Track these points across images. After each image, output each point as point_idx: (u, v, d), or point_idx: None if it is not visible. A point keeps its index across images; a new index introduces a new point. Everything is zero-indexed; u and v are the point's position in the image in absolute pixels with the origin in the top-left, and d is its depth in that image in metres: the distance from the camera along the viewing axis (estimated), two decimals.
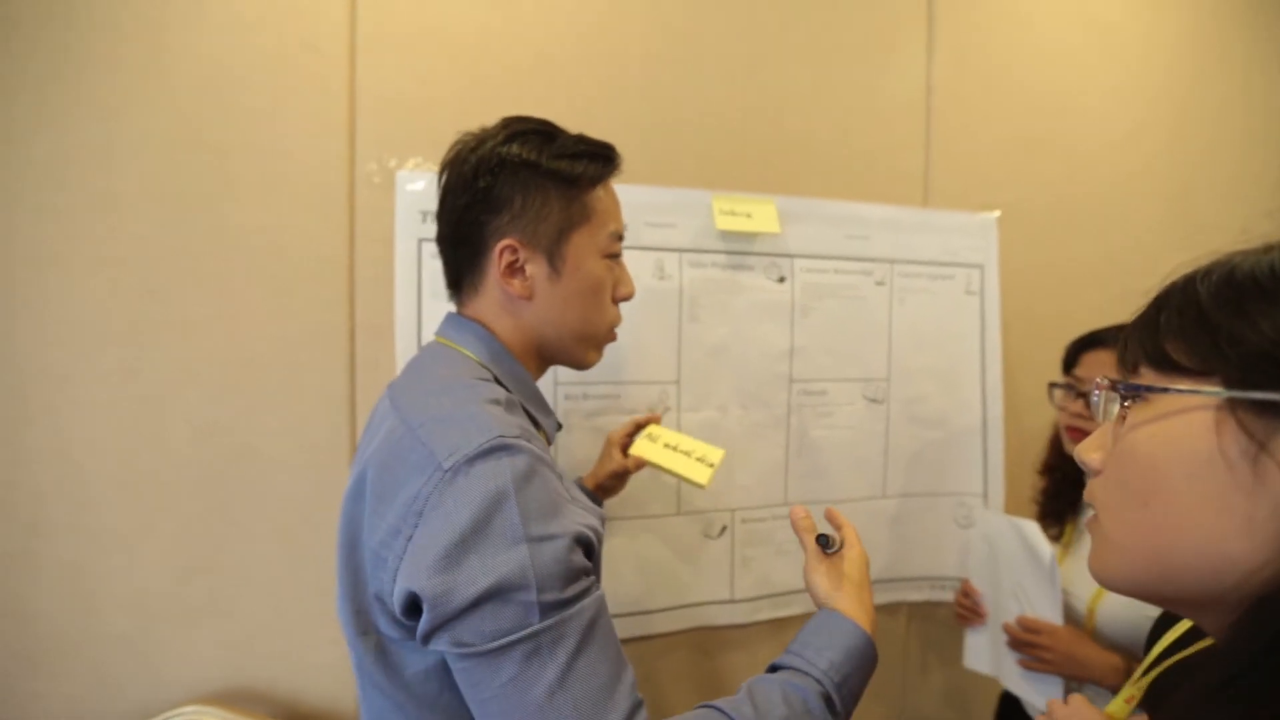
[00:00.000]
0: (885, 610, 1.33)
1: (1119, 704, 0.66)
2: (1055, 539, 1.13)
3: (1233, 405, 0.31)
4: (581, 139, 0.69)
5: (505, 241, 0.65)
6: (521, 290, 0.66)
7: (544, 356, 0.72)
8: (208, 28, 0.97)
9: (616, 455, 0.95)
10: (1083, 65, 1.47)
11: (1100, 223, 1.51)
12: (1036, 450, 1.22)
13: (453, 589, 0.50)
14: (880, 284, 1.27)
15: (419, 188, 1.01)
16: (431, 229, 0.73)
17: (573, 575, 0.53)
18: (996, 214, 1.34)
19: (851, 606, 0.63)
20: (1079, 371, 1.06)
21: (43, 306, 0.94)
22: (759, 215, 1.16)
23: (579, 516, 0.56)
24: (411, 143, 1.04)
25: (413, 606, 0.53)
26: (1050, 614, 1.00)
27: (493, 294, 0.67)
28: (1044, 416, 1.20)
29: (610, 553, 0.99)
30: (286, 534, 1.01)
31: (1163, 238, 1.57)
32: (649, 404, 1.14)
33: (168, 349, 0.97)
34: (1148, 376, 0.36)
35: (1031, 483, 1.21)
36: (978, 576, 1.17)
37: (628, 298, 0.75)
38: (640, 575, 1.15)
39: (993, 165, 1.39)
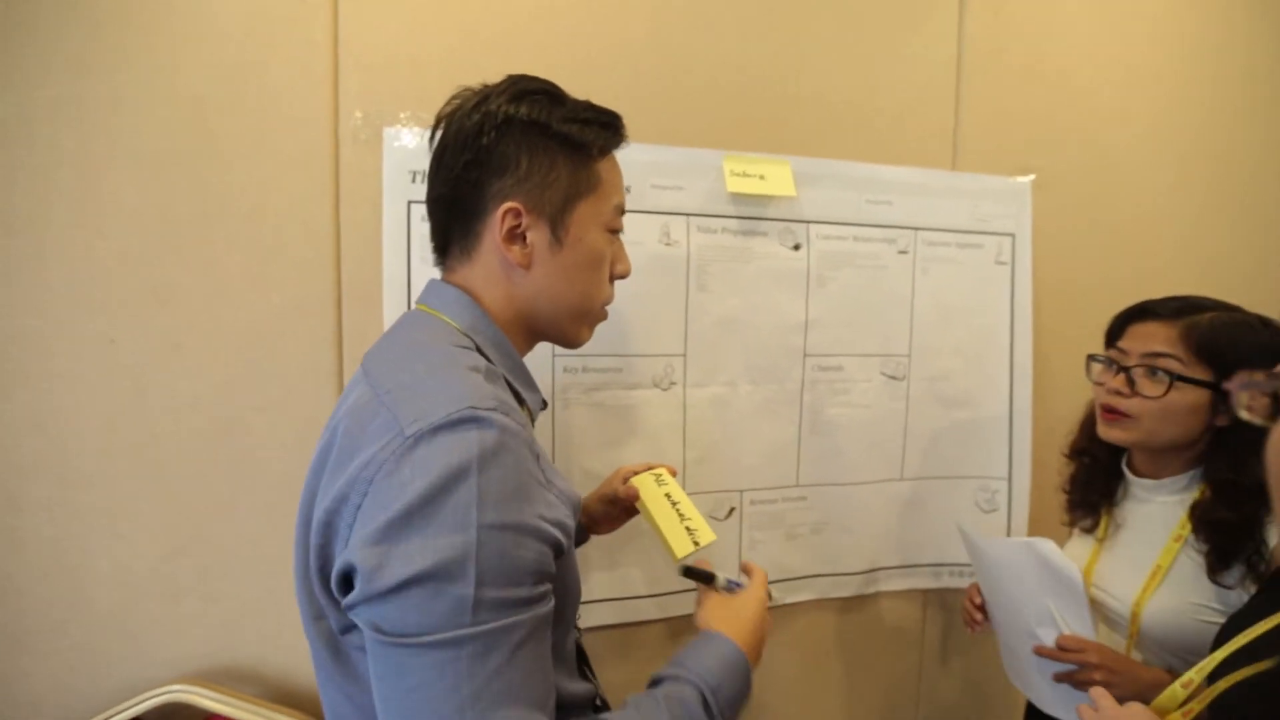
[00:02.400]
0: (902, 597, 1.27)
1: (1175, 715, 0.60)
2: (1089, 531, 1.04)
3: None
4: (590, 105, 0.65)
5: (508, 205, 0.59)
6: (520, 258, 0.61)
7: (534, 331, 0.66)
8: None
9: (617, 482, 0.87)
10: (1124, 23, 1.35)
11: (1142, 191, 1.40)
12: (1064, 436, 1.13)
13: (385, 564, 0.46)
14: (903, 253, 1.19)
15: (408, 145, 0.95)
16: (422, 190, 0.68)
17: (523, 575, 0.48)
18: (1031, 178, 1.25)
19: (730, 629, 0.66)
20: (1124, 344, 0.94)
21: (15, 273, 0.89)
22: (773, 177, 1.08)
23: (549, 508, 0.51)
24: (399, 97, 0.97)
25: (347, 580, 0.49)
26: (1084, 630, 0.91)
27: (487, 260, 0.62)
28: (1075, 398, 1.11)
29: (614, 536, 0.94)
30: (274, 510, 0.97)
31: (1205, 207, 1.46)
32: (654, 377, 1.08)
33: (147, 318, 0.93)
34: None
35: (1059, 468, 1.13)
36: (984, 587, 1.06)
37: (624, 275, 0.70)
38: (645, 558, 1.10)
39: (1028, 127, 1.29)
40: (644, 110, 0.69)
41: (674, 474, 0.90)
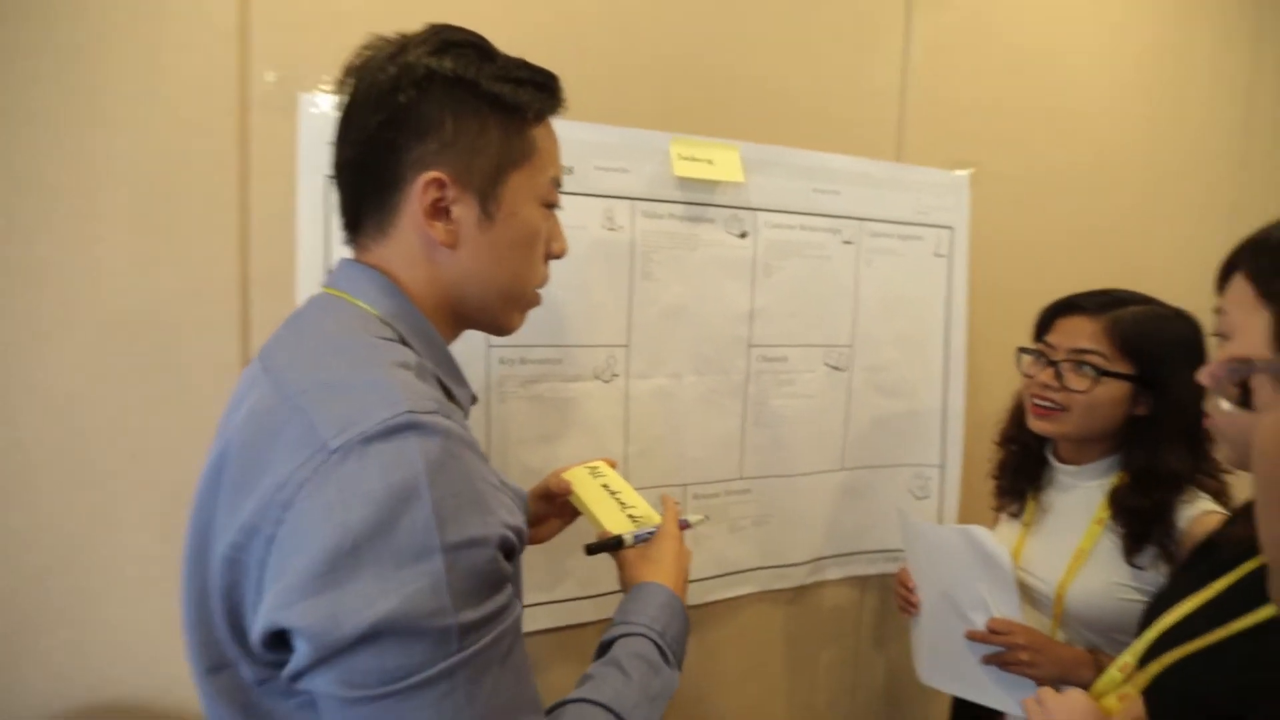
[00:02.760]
0: (841, 585, 1.29)
1: (1112, 700, 0.62)
2: (1015, 516, 1.08)
3: None
4: (523, 63, 0.58)
5: (431, 174, 0.52)
6: (445, 236, 0.54)
7: (460, 317, 0.60)
8: None
9: (552, 478, 0.83)
10: (1068, 26, 1.39)
11: (1078, 192, 1.45)
12: (994, 426, 1.17)
13: (339, 614, 0.39)
14: (848, 243, 1.18)
15: (328, 112, 0.86)
16: None
17: (496, 584, 0.44)
18: (969, 172, 1.27)
19: (656, 575, 0.67)
20: (1052, 338, 0.98)
21: None
22: (721, 162, 1.05)
23: (506, 514, 0.46)
24: (318, 58, 0.87)
25: (279, 636, 0.41)
26: (1013, 614, 0.94)
27: (406, 238, 0.55)
28: (1005, 389, 1.15)
29: (557, 536, 0.89)
30: (164, 526, 0.86)
31: (1134, 209, 1.53)
32: (595, 369, 1.03)
33: (16, 300, 0.80)
34: None
35: (989, 456, 1.16)
36: (916, 574, 1.09)
37: (560, 255, 0.64)
38: (581, 560, 1.06)
39: (969, 121, 1.31)
40: (589, 86, 0.63)
41: (614, 466, 0.87)
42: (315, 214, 0.87)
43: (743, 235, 1.10)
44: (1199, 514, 0.88)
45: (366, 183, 0.55)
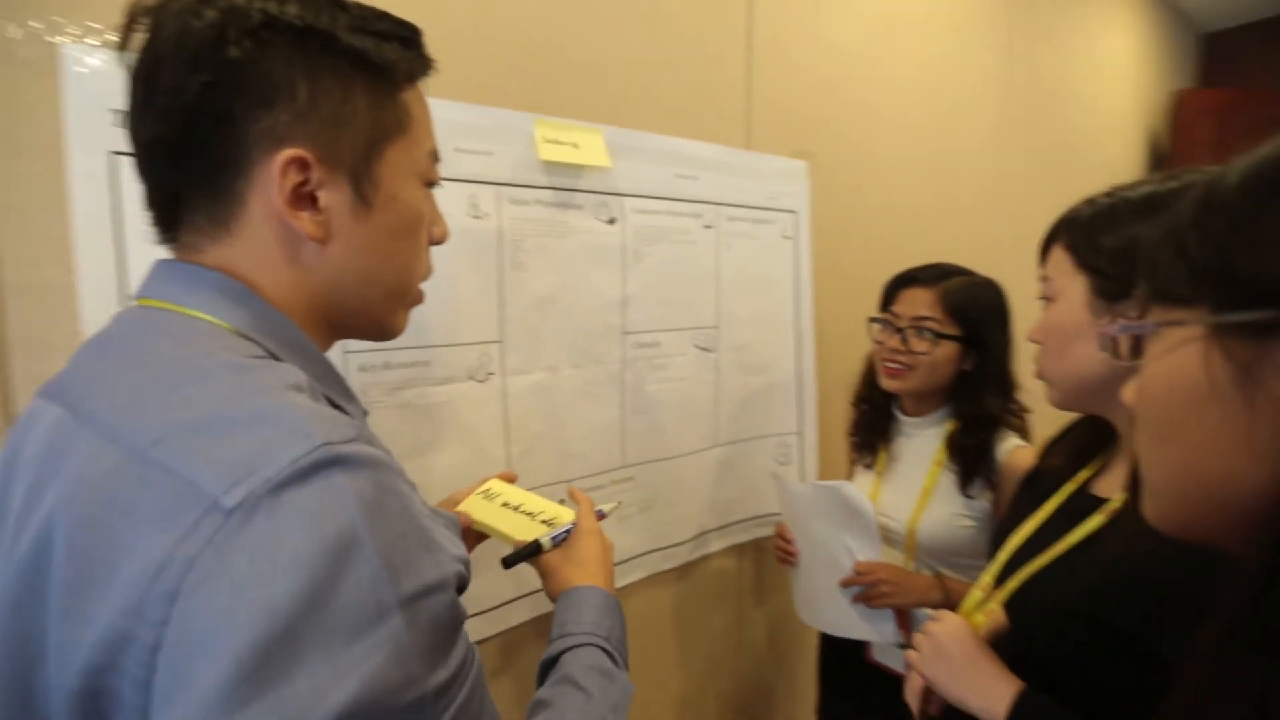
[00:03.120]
0: (722, 555, 1.34)
1: (980, 616, 0.70)
2: (869, 467, 1.21)
3: (1216, 332, 0.30)
4: (383, 14, 0.47)
5: (290, 152, 0.42)
6: (314, 228, 0.44)
7: (334, 325, 0.50)
8: None
9: (449, 508, 0.76)
10: (881, 33, 1.55)
11: (897, 179, 1.63)
12: (841, 395, 1.29)
13: (287, 716, 0.30)
14: (709, 227, 1.22)
15: (104, 69, 0.68)
16: None
17: (456, 631, 0.38)
18: (806, 162, 1.36)
19: (584, 577, 0.65)
20: (896, 308, 1.11)
21: None
22: (586, 146, 1.02)
23: (451, 546, 0.40)
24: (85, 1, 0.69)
25: None
26: (875, 556, 1.07)
27: (257, 234, 0.44)
28: (848, 359, 1.27)
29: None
30: None
31: (946, 196, 1.76)
32: (469, 369, 0.95)
33: None
34: (1155, 313, 0.34)
35: (843, 416, 1.28)
36: (792, 527, 1.20)
37: (442, 240, 0.56)
38: (484, 567, 0.99)
39: (807, 113, 1.40)
40: (447, 61, 0.56)
41: (512, 479, 0.82)
42: (98, 203, 0.69)
43: (611, 221, 1.08)
44: (1011, 448, 1.05)
45: (189, 165, 0.43)
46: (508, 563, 0.68)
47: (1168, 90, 2.79)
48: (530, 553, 0.67)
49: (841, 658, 1.19)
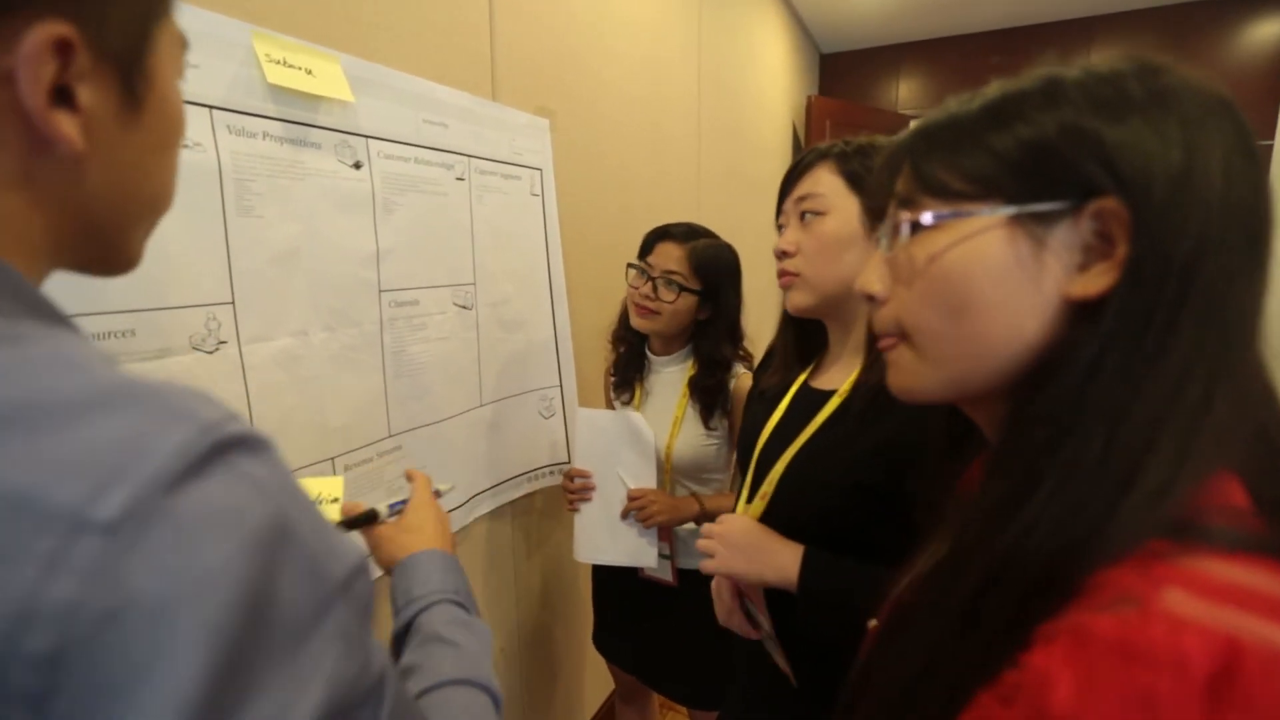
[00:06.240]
0: (494, 515, 1.34)
1: (756, 505, 0.82)
2: (627, 404, 1.33)
3: (1018, 217, 0.37)
4: None
5: (54, 28, 0.29)
6: (76, 135, 0.32)
7: (58, 257, 0.37)
8: None
9: None
10: (617, 5, 1.63)
11: (630, 141, 1.75)
12: (590, 348, 1.38)
13: None
14: (460, 180, 1.17)
15: None
16: None
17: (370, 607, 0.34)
18: (548, 120, 1.39)
19: (419, 543, 0.64)
20: (651, 259, 1.24)
21: None
22: (322, 74, 0.88)
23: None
24: None
25: None
26: (650, 483, 1.22)
27: None
28: (597, 311, 1.37)
29: None
30: None
31: (676, 158, 1.94)
32: (192, 337, 0.77)
33: None
34: (932, 205, 0.40)
35: (596, 367, 1.38)
36: (584, 463, 1.29)
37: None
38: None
39: (549, 70, 1.42)
40: None
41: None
42: None
43: (357, 165, 0.96)
44: (738, 377, 1.27)
45: None
46: (346, 526, 0.64)
47: (803, 94, 3.53)
48: (366, 520, 0.64)
49: (618, 582, 1.32)
